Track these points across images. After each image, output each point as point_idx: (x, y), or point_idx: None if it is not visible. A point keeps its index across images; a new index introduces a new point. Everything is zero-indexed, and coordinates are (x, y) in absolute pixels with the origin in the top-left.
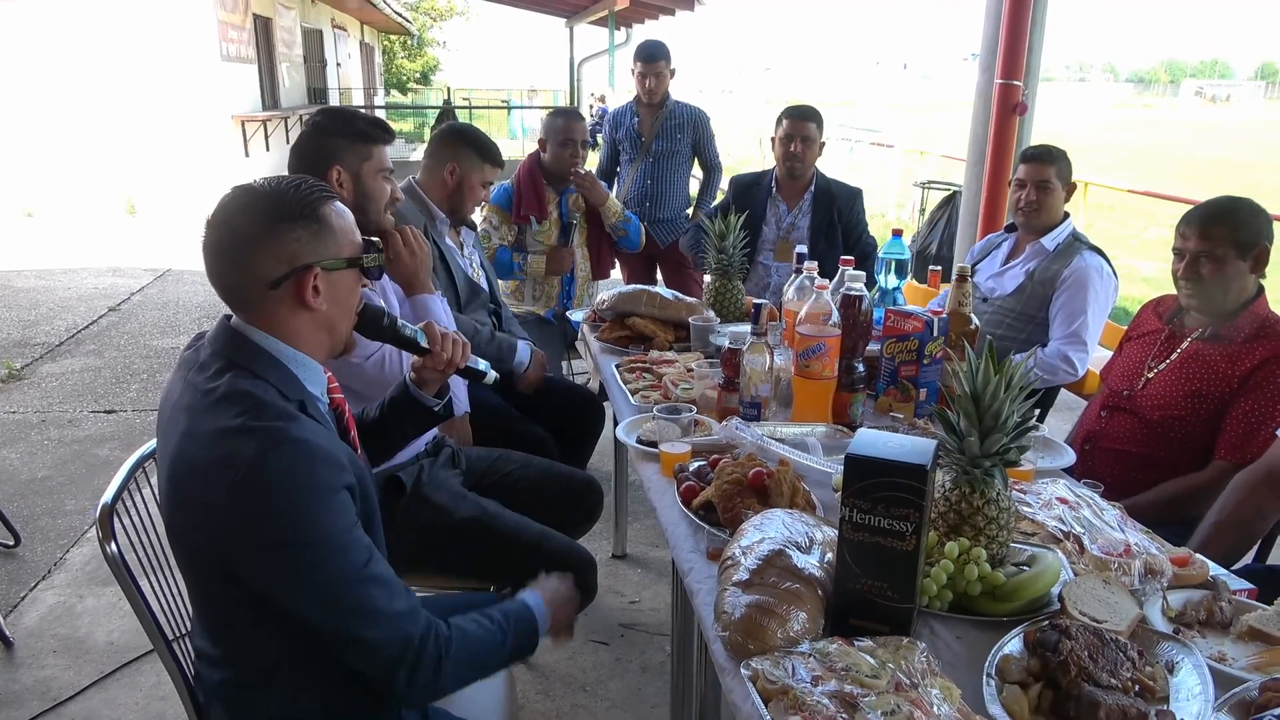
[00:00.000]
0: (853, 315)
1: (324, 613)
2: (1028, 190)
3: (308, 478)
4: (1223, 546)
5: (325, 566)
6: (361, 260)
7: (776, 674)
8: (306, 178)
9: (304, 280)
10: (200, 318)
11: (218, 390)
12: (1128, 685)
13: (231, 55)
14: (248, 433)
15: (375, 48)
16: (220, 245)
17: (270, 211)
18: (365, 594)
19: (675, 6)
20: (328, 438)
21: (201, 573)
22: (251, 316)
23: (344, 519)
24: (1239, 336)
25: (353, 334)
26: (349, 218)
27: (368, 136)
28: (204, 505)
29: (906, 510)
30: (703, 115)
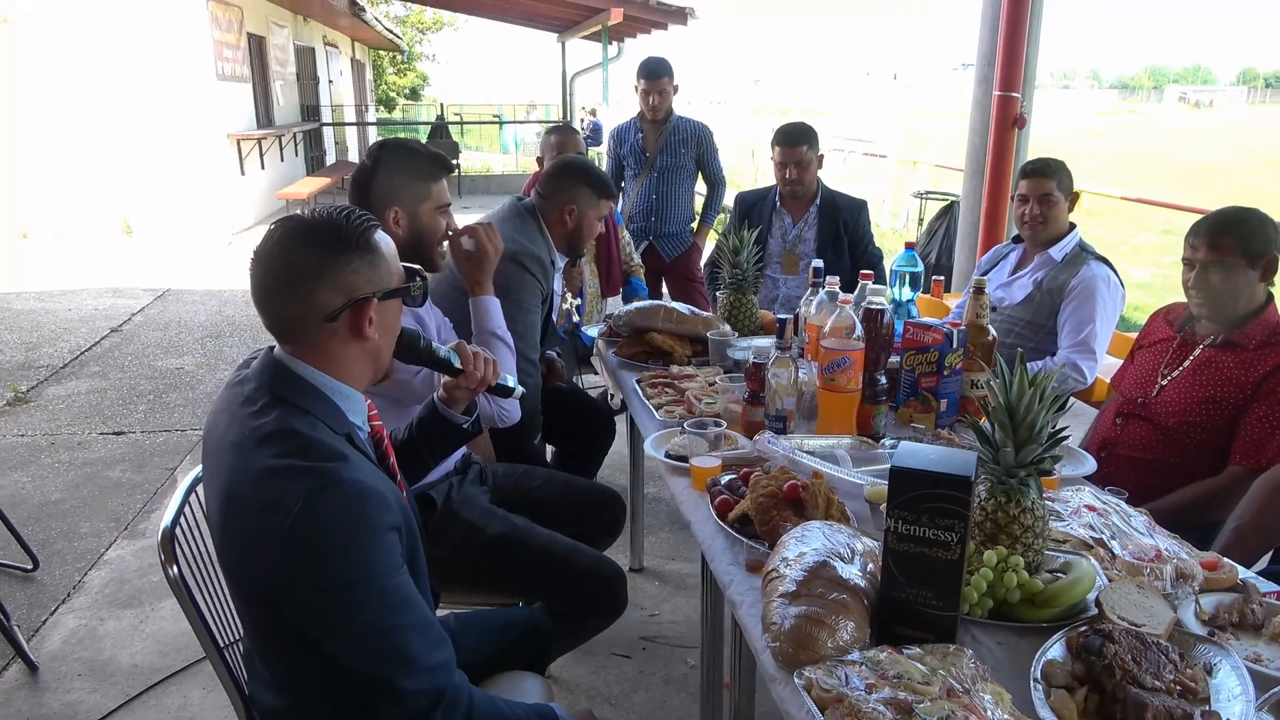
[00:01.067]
0: (875, 329)
1: (362, 657)
2: (1031, 205)
3: (356, 521)
4: (1246, 550)
5: (368, 611)
6: (409, 288)
7: (830, 682)
8: (353, 208)
9: (361, 311)
10: (203, 337)
11: (265, 427)
12: (1170, 687)
13: (227, 74)
14: (297, 474)
15: (366, 64)
16: (275, 278)
17: (328, 243)
18: (406, 642)
19: (668, 21)
20: (375, 476)
21: (251, 604)
22: (301, 349)
23: (389, 562)
24: (1251, 343)
25: (389, 361)
26: (392, 245)
27: (427, 174)
28: (252, 544)
29: (951, 520)
30: (706, 130)
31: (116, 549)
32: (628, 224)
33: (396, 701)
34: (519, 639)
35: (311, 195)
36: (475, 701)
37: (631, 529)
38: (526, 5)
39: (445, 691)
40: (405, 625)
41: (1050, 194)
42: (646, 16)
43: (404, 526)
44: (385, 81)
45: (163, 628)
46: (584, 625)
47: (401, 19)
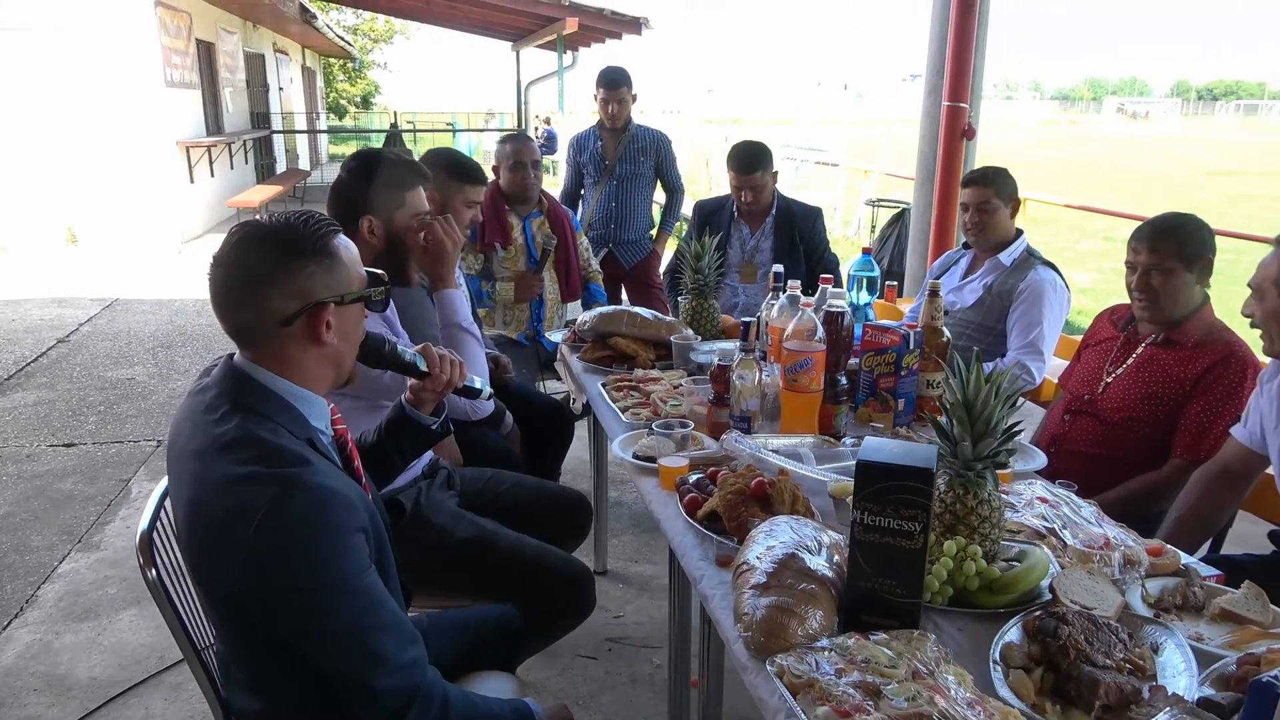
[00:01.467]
0: (835, 331)
1: (335, 658)
2: (971, 213)
3: (321, 525)
4: (1186, 539)
5: (338, 613)
6: (370, 294)
7: (801, 669)
8: (313, 212)
9: (318, 317)
10: (154, 347)
11: (226, 435)
12: (1120, 665)
13: (175, 81)
14: (260, 481)
15: (317, 71)
16: (231, 283)
17: (284, 248)
18: (377, 641)
19: (622, 31)
20: (339, 479)
21: (222, 611)
22: (260, 354)
23: (358, 563)
24: (1189, 342)
25: (351, 365)
26: (355, 251)
27: (401, 184)
28: (219, 552)
29: (914, 511)
30: (664, 138)
31: (70, 562)
32: (587, 231)
33: (371, 700)
34: (490, 637)
35: (263, 203)
36: (450, 697)
37: (595, 532)
38: (481, 14)
39: (419, 689)
40: (376, 625)
41: (988, 202)
42: (601, 26)
43: (370, 528)
44: (336, 89)
45: (122, 640)
46: (554, 626)
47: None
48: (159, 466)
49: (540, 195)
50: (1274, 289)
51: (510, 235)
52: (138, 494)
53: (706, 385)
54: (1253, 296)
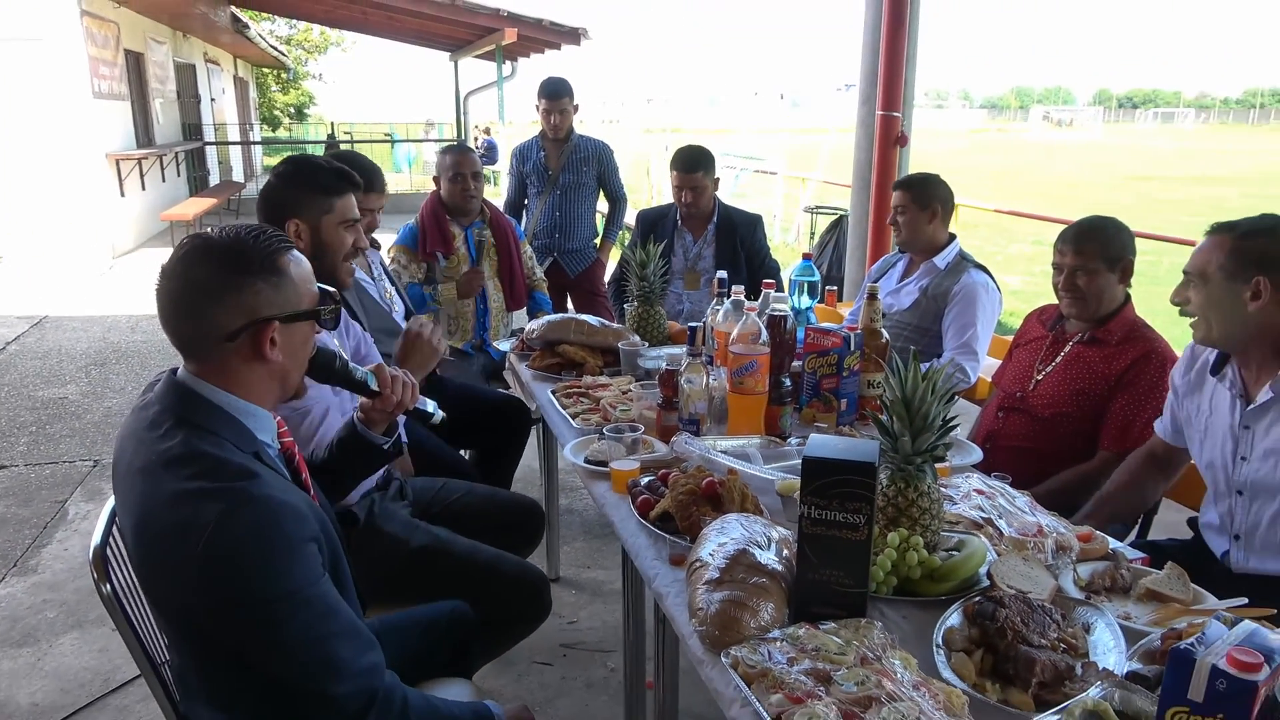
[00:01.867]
0: (779, 334)
1: (292, 668)
2: (891, 216)
3: (272, 536)
4: (1107, 511)
5: (293, 623)
6: (319, 312)
7: (755, 659)
8: (265, 228)
9: (262, 333)
10: (86, 365)
11: (171, 450)
12: (1055, 644)
13: (103, 92)
14: (207, 495)
15: (249, 82)
16: (176, 295)
17: (230, 264)
18: (333, 649)
19: (561, 41)
20: (287, 490)
21: (176, 626)
22: (204, 368)
23: (310, 572)
24: (1113, 339)
25: (299, 381)
26: (307, 267)
27: (329, 189)
28: (169, 568)
29: (858, 504)
30: (606, 148)
31: (6, 587)
32: (532, 240)
33: (330, 708)
34: (443, 635)
35: (196, 216)
36: (410, 700)
37: (548, 539)
38: (418, 25)
39: (377, 693)
40: (331, 633)
41: (905, 208)
42: (540, 36)
43: (322, 536)
44: (270, 99)
45: (63, 664)
46: (510, 631)
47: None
48: (96, 487)
49: (483, 205)
50: (1218, 274)
51: (452, 245)
52: (75, 515)
53: (655, 390)
54: (1187, 283)
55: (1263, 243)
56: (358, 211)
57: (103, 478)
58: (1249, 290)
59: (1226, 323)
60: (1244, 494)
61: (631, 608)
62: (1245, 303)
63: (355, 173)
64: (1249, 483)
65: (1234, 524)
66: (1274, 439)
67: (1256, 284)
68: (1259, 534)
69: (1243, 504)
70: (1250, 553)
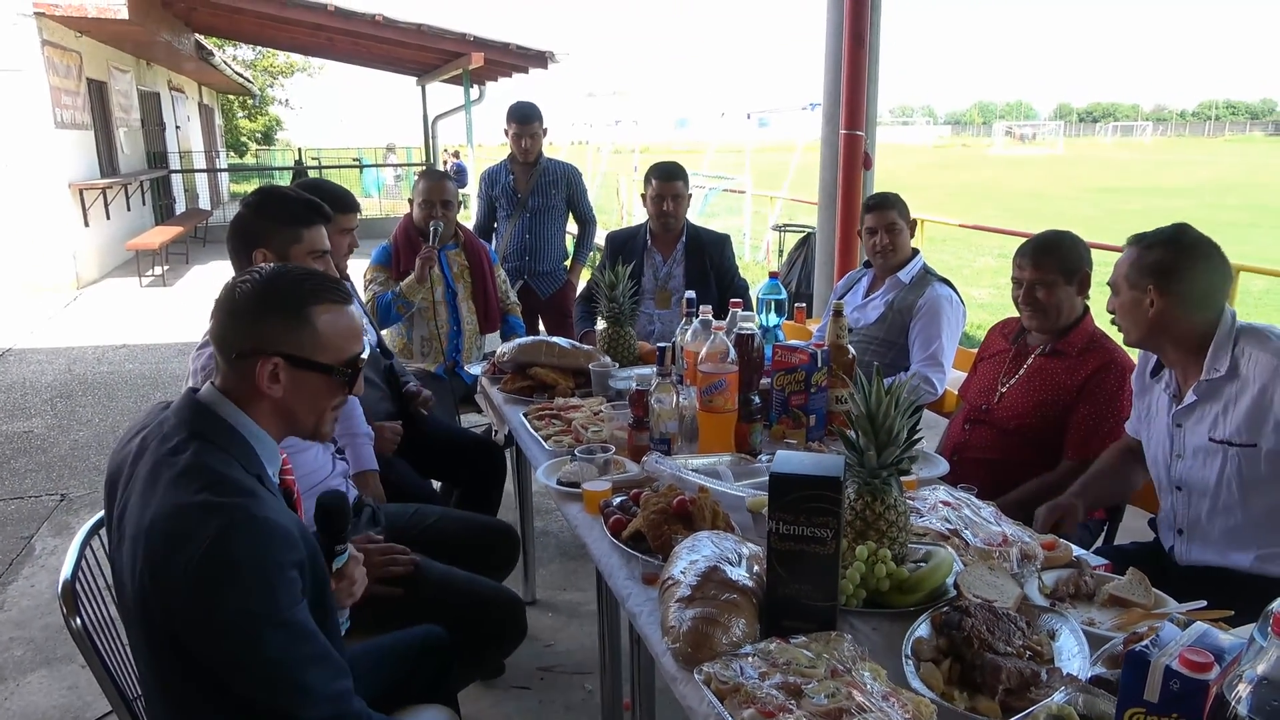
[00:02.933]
0: (747, 353)
1: (263, 689)
2: (880, 235)
3: (263, 556)
4: (1097, 490)
5: (270, 644)
6: (332, 369)
7: (727, 675)
8: (315, 273)
9: (263, 364)
10: (52, 398)
11: (180, 462)
12: (1020, 651)
13: (65, 121)
14: (209, 509)
15: (215, 109)
16: (219, 302)
17: (258, 295)
18: (305, 673)
19: (528, 65)
20: (282, 513)
21: (154, 642)
22: (226, 380)
23: (290, 597)
24: (1073, 351)
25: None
26: (346, 325)
27: (299, 219)
28: (160, 576)
29: (826, 518)
30: (575, 171)
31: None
32: (502, 263)
33: None
34: (419, 661)
35: (162, 245)
36: None
37: (523, 562)
38: (385, 50)
39: (346, 718)
40: (305, 657)
41: (895, 223)
42: (507, 60)
43: (308, 561)
44: (236, 125)
45: (30, 703)
46: (487, 655)
47: (252, 63)
48: (63, 521)
49: (456, 229)
50: (1124, 283)
51: None
52: (41, 550)
53: (626, 410)
54: (1111, 293)
55: (1158, 253)
56: (327, 243)
57: (69, 512)
58: (1146, 299)
59: (1136, 328)
60: (1182, 490)
61: (607, 629)
62: (1145, 309)
63: (326, 204)
64: (1185, 479)
65: (1177, 519)
66: (1200, 437)
67: (1149, 292)
68: (1199, 528)
69: (1182, 499)
70: (1192, 545)
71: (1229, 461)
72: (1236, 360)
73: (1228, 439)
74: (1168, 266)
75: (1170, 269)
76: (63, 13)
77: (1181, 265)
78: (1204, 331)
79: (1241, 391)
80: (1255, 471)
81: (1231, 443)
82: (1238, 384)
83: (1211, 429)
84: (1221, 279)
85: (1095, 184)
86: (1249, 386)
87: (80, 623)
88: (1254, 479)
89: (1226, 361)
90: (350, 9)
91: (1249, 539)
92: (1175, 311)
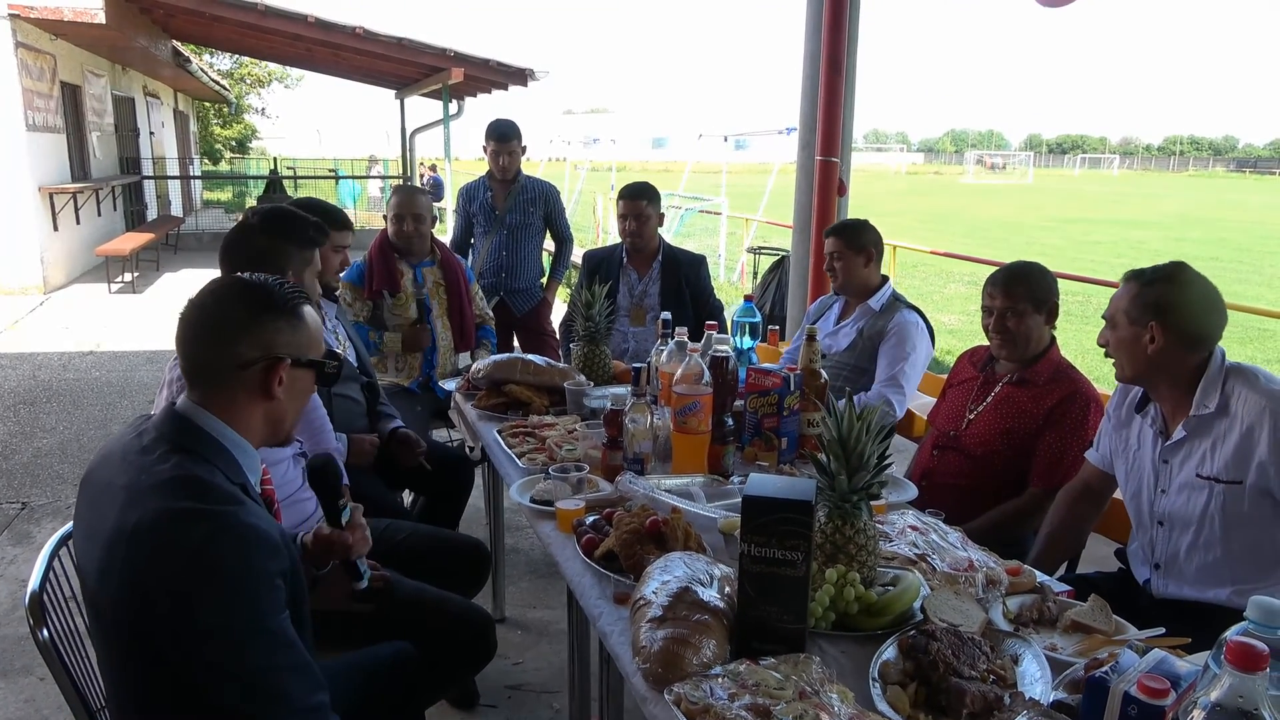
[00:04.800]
0: (721, 375)
1: (241, 699)
2: (828, 262)
3: (247, 564)
4: (1056, 552)
5: (250, 653)
6: (324, 364)
7: (697, 695)
8: (286, 280)
9: (274, 370)
10: (15, 404)
11: (164, 472)
12: (985, 675)
13: (38, 124)
14: (195, 517)
15: (190, 115)
16: (204, 321)
17: (260, 301)
18: (284, 682)
19: (508, 82)
20: (268, 521)
21: (128, 651)
22: (207, 396)
23: (273, 605)
24: (1040, 379)
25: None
26: (319, 322)
27: (314, 242)
28: (144, 582)
29: (796, 541)
30: (553, 189)
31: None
32: (479, 280)
33: None
34: (388, 678)
35: (133, 251)
36: None
37: (493, 579)
38: (365, 63)
39: None
40: (285, 666)
41: (839, 253)
42: (487, 76)
43: (290, 571)
44: (211, 132)
45: None
46: (455, 672)
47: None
48: (24, 530)
49: (433, 244)
50: (1123, 318)
51: (399, 283)
52: (0, 560)
53: (600, 429)
54: (1106, 327)
55: (1160, 289)
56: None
57: (31, 520)
58: (1147, 334)
59: (1133, 364)
60: (1164, 525)
61: (577, 648)
62: (1145, 345)
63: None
64: (1168, 514)
65: (1155, 553)
66: (1188, 473)
67: (1151, 328)
68: (1177, 563)
69: (1163, 534)
70: (1169, 580)
71: (1214, 498)
72: (1227, 398)
73: (1215, 475)
74: (1169, 303)
75: (1172, 306)
76: (38, 15)
77: (1183, 302)
78: (1196, 368)
79: (1230, 429)
80: (1238, 508)
81: (1219, 479)
82: (1227, 421)
83: (1200, 465)
84: (1220, 318)
85: (1063, 214)
86: (1237, 424)
87: (47, 634)
88: (1236, 515)
89: (1216, 399)
90: (331, 21)
91: (1226, 575)
92: (1175, 349)
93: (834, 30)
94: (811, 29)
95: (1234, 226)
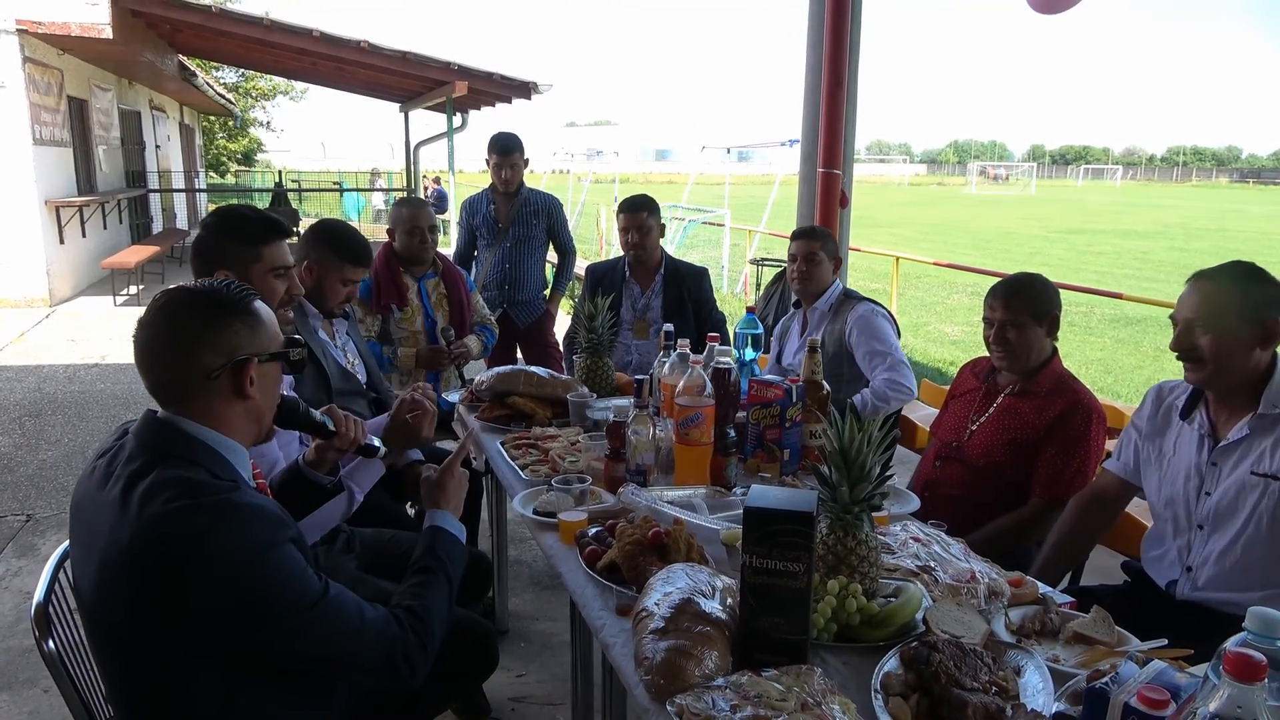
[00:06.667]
0: (723, 386)
1: (308, 651)
2: (798, 263)
3: (260, 537)
4: (1065, 560)
5: (294, 613)
6: (289, 354)
7: (699, 707)
8: (232, 279)
9: (243, 371)
10: (20, 416)
11: (148, 480)
12: (986, 687)
13: (44, 138)
14: (191, 512)
15: (195, 129)
16: (159, 340)
17: (211, 307)
18: (334, 621)
19: (512, 95)
20: (265, 499)
21: (135, 663)
22: (185, 408)
23: (296, 564)
24: (1042, 391)
25: (271, 422)
26: (273, 315)
27: (256, 238)
28: (156, 587)
29: (798, 553)
30: (556, 202)
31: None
32: (481, 292)
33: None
34: None
35: (138, 264)
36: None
37: (496, 591)
38: (369, 76)
39: (394, 639)
40: (328, 609)
41: (815, 254)
42: (491, 90)
43: (298, 538)
44: (216, 145)
45: None
46: (457, 684)
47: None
48: (29, 543)
49: (435, 257)
50: (1236, 320)
51: (406, 297)
52: (5, 572)
53: (603, 441)
54: (1191, 328)
55: (1268, 288)
56: (289, 258)
57: (36, 533)
58: (1260, 331)
59: (1241, 363)
60: (1204, 528)
61: (579, 659)
62: (1250, 344)
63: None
64: (1211, 515)
65: (1189, 556)
66: (1241, 472)
67: (1266, 325)
68: (1208, 566)
69: (1201, 537)
70: (1199, 581)
71: (1267, 496)
72: None
73: (1273, 472)
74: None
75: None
76: (45, 30)
77: None
78: (1267, 367)
79: None
80: None
81: (1276, 476)
82: None
83: (1256, 463)
84: None
85: (1066, 225)
86: None
87: (53, 645)
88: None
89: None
90: (336, 35)
91: (1257, 579)
92: (1268, 346)
93: (835, 43)
94: (813, 41)
95: (1238, 236)
